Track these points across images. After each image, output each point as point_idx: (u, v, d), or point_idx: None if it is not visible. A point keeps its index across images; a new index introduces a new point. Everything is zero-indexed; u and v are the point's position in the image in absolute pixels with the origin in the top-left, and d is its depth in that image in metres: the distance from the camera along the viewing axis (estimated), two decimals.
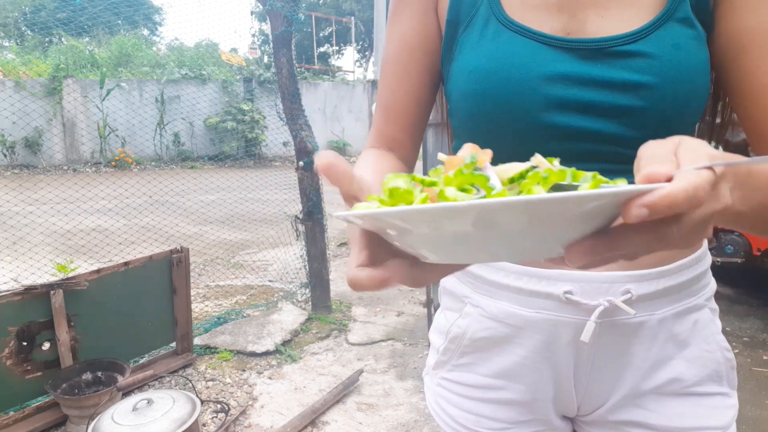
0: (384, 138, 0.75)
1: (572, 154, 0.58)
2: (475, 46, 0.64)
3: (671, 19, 0.58)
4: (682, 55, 0.57)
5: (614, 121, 0.59)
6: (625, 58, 0.58)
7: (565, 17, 0.60)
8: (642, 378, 0.65)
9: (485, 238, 0.36)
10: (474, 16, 0.65)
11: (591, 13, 0.60)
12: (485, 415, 0.71)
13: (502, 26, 0.62)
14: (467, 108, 0.65)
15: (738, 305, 3.66)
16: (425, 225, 0.35)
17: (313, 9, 19.97)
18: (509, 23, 0.62)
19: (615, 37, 0.58)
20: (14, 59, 13.06)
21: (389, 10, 0.74)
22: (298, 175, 3.33)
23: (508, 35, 0.61)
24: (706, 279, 0.68)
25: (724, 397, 0.67)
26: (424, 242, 0.37)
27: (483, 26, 0.63)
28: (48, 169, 10.14)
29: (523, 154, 0.63)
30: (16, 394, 2.08)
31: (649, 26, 0.57)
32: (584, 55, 0.59)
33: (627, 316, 0.63)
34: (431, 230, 0.35)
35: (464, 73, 0.64)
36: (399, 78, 0.73)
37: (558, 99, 0.59)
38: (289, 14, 3.08)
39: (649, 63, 0.57)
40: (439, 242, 0.36)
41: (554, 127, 0.60)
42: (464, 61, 0.64)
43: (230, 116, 11.46)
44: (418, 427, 2.26)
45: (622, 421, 0.67)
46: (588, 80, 0.58)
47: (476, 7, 0.64)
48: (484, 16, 0.64)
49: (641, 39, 0.57)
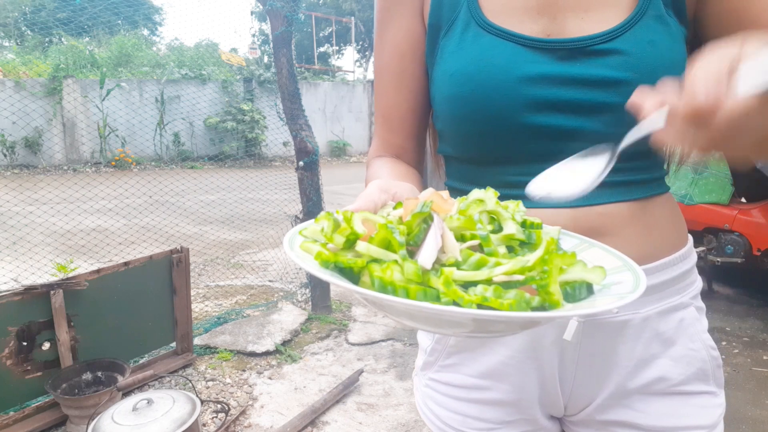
0: (390, 146, 0.76)
1: (553, 152, 0.59)
2: (456, 49, 0.65)
3: (645, 16, 0.59)
4: (657, 51, 0.58)
5: (593, 118, 0.60)
6: (602, 56, 0.59)
7: (545, 20, 0.61)
8: (627, 377, 0.65)
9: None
10: (454, 21, 0.65)
11: (570, 15, 0.61)
12: (472, 416, 0.71)
13: (481, 30, 0.63)
14: (450, 111, 0.65)
15: (738, 305, 3.66)
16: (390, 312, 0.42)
17: (313, 9, 19.97)
18: (489, 26, 0.63)
19: (592, 36, 0.59)
20: (14, 59, 13.05)
21: (376, 19, 0.74)
22: (298, 175, 3.33)
23: (488, 38, 0.62)
24: (691, 277, 0.68)
25: (711, 396, 0.67)
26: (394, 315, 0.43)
27: (463, 30, 0.64)
28: (48, 169, 10.14)
29: (505, 155, 0.64)
30: (16, 394, 2.08)
31: (624, 24, 0.59)
32: (563, 56, 0.60)
33: (610, 314, 0.63)
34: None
35: (446, 76, 0.65)
36: (395, 87, 0.73)
37: (538, 99, 0.60)
38: (289, 14, 3.08)
39: (626, 60, 0.58)
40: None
41: (535, 127, 0.61)
42: (446, 64, 0.65)
43: (230, 116, 11.46)
44: (418, 427, 2.26)
45: (609, 421, 0.67)
46: (567, 79, 0.59)
47: (456, 11, 0.65)
48: (464, 20, 0.64)
49: (617, 37, 0.59)
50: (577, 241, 0.54)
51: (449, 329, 0.43)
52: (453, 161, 0.72)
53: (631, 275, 0.44)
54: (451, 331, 0.43)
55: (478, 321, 0.37)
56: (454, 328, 0.41)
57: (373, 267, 0.39)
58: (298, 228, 0.47)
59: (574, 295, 0.42)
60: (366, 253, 0.40)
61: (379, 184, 0.53)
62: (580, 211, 0.62)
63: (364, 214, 0.45)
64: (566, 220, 0.61)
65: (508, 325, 0.41)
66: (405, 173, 0.70)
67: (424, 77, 0.73)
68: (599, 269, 0.42)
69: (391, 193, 0.52)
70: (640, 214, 0.63)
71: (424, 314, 0.38)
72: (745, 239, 3.39)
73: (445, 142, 0.72)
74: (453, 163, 0.72)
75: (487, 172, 0.66)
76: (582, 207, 0.62)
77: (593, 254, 0.50)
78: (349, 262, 0.40)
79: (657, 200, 0.66)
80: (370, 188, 0.52)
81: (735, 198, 3.59)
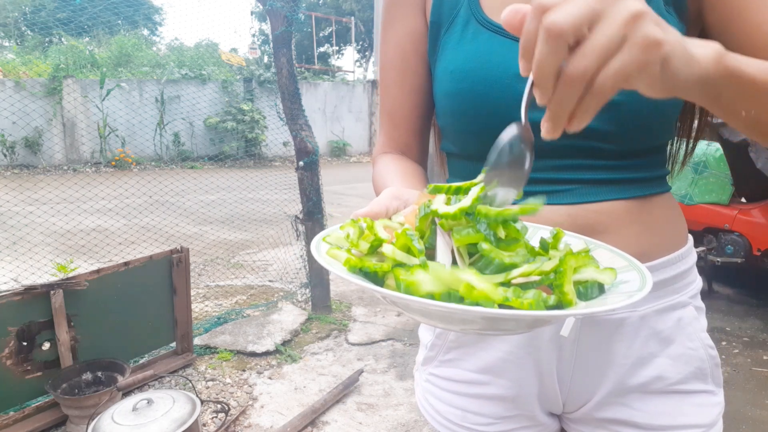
0: (395, 143, 0.77)
1: (550, 149, 0.59)
2: (456, 46, 0.65)
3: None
4: None
5: None
6: None
7: None
8: (625, 375, 0.65)
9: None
10: (455, 18, 0.66)
11: None
12: (471, 410, 0.71)
13: (481, 27, 0.64)
14: (450, 107, 0.66)
15: (738, 305, 3.66)
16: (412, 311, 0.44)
17: (313, 9, 19.97)
18: (488, 23, 0.63)
19: None
20: (14, 59, 13.05)
21: (381, 18, 0.76)
22: (298, 175, 3.33)
23: (486, 35, 0.63)
24: (690, 277, 0.69)
25: (709, 395, 0.67)
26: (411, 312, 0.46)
27: (463, 27, 0.65)
28: (48, 169, 10.13)
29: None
30: (16, 394, 2.08)
31: None
32: None
33: (609, 312, 0.63)
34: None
35: (446, 73, 0.66)
36: (399, 84, 0.74)
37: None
38: (289, 14, 3.08)
39: None
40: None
41: (533, 124, 0.61)
42: (446, 61, 0.66)
43: (230, 116, 11.45)
44: (418, 427, 2.26)
45: (607, 419, 0.67)
46: None
47: (457, 9, 0.66)
48: (464, 17, 0.65)
49: None
50: (582, 243, 0.54)
51: (464, 326, 0.45)
52: (455, 158, 0.73)
53: (637, 274, 0.46)
54: (469, 327, 0.45)
55: (502, 320, 0.40)
56: (467, 325, 0.44)
57: (399, 271, 0.41)
58: (322, 235, 0.50)
59: (587, 294, 0.44)
60: (391, 257, 0.43)
61: (392, 191, 0.54)
62: (577, 208, 0.62)
63: (384, 221, 0.48)
64: (563, 217, 0.62)
65: (530, 323, 0.45)
66: (410, 170, 0.72)
67: (427, 74, 0.73)
68: (610, 270, 0.45)
69: (403, 199, 0.53)
70: (638, 212, 0.63)
71: (454, 315, 0.40)
72: (745, 239, 3.39)
73: (447, 139, 0.73)
74: (455, 160, 0.73)
75: None
76: (579, 204, 0.62)
77: (599, 255, 0.51)
78: (375, 267, 0.43)
79: (656, 199, 0.66)
80: (382, 195, 0.53)
81: (735, 198, 3.59)
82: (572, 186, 0.63)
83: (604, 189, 0.62)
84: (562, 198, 0.63)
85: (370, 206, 0.50)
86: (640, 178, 0.64)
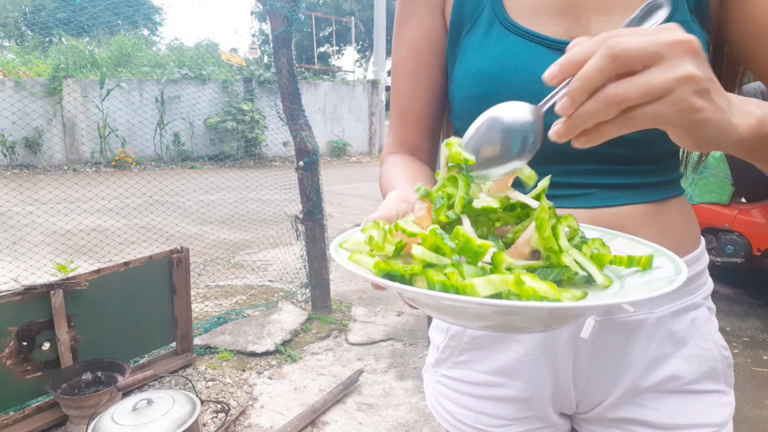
0: (405, 143, 0.77)
1: (572, 155, 0.59)
2: (479, 48, 0.64)
3: (670, 22, 0.59)
4: None
5: None
6: None
7: (568, 21, 0.61)
8: (640, 376, 0.66)
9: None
10: (477, 19, 0.65)
11: (594, 18, 0.60)
12: (484, 412, 0.71)
13: (505, 29, 0.63)
14: (470, 109, 0.65)
15: (738, 305, 3.66)
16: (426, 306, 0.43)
17: (313, 9, 19.98)
18: (513, 27, 0.62)
19: None
20: (14, 59, 13.04)
21: (396, 15, 0.74)
22: (298, 175, 3.33)
23: (511, 38, 0.62)
24: (703, 278, 0.69)
25: (721, 395, 0.68)
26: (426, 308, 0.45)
27: (486, 29, 0.64)
28: (48, 169, 10.13)
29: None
30: (16, 394, 2.08)
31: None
32: None
33: (626, 314, 0.64)
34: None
35: (468, 75, 0.65)
36: (412, 83, 0.73)
37: None
38: (289, 14, 3.08)
39: None
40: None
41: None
42: (467, 63, 0.65)
43: (230, 116, 11.45)
44: (418, 427, 2.26)
45: (620, 418, 0.68)
46: None
47: (479, 10, 0.65)
48: (488, 19, 0.64)
49: None
50: (600, 233, 0.55)
51: (528, 324, 0.45)
52: None
53: (667, 260, 0.46)
54: (531, 326, 0.45)
55: (569, 312, 0.41)
56: (486, 321, 0.43)
57: (431, 272, 0.40)
58: (338, 241, 0.50)
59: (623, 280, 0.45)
60: (420, 258, 0.42)
61: (399, 194, 0.53)
62: (598, 211, 0.63)
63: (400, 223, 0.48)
64: (583, 220, 0.62)
65: (598, 311, 0.47)
66: (418, 172, 0.71)
67: (441, 75, 0.72)
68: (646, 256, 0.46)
69: (411, 202, 0.53)
70: (655, 215, 0.64)
71: (530, 313, 0.40)
72: (745, 239, 3.38)
73: None
74: None
75: None
76: (598, 208, 0.63)
77: (619, 244, 0.52)
78: (405, 269, 0.42)
79: (672, 202, 0.66)
80: (390, 197, 0.53)
81: (735, 198, 3.59)
82: (593, 190, 0.64)
83: (623, 193, 0.63)
84: (583, 202, 0.63)
85: (381, 210, 0.50)
86: (657, 182, 0.65)
